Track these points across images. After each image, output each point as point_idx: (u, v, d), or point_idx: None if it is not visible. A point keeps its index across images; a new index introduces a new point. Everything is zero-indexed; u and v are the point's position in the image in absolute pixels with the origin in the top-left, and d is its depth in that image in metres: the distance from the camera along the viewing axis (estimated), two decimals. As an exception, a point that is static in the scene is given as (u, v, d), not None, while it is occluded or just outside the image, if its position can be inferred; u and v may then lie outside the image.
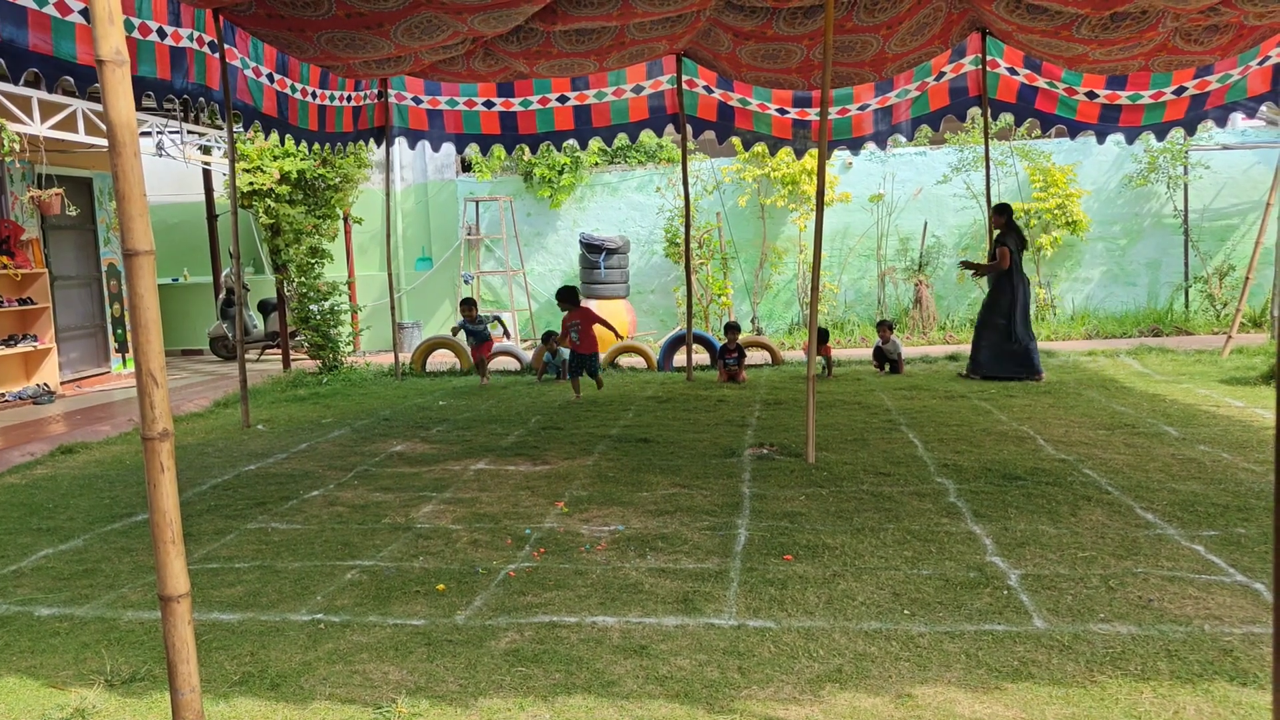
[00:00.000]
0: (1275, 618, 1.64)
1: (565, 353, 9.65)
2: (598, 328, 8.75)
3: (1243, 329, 11.03)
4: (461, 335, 10.55)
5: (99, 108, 8.95)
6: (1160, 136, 9.67)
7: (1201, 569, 3.85)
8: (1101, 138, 9.55)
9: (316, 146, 9.01)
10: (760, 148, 12.95)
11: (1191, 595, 3.58)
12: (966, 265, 9.35)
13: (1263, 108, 9.01)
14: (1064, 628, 3.32)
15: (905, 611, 3.52)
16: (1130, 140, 9.61)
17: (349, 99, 8.97)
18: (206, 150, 11.82)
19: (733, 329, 9.93)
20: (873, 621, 3.44)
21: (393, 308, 10.90)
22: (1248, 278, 10.24)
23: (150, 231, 2.42)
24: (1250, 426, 6.50)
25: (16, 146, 8.26)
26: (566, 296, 8.80)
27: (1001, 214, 8.95)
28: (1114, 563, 3.95)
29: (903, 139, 10.44)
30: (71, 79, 5.48)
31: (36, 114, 8.48)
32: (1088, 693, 2.87)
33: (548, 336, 10.30)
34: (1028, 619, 3.41)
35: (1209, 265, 12.86)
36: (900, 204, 13.62)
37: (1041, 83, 9.20)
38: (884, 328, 9.97)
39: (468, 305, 10.41)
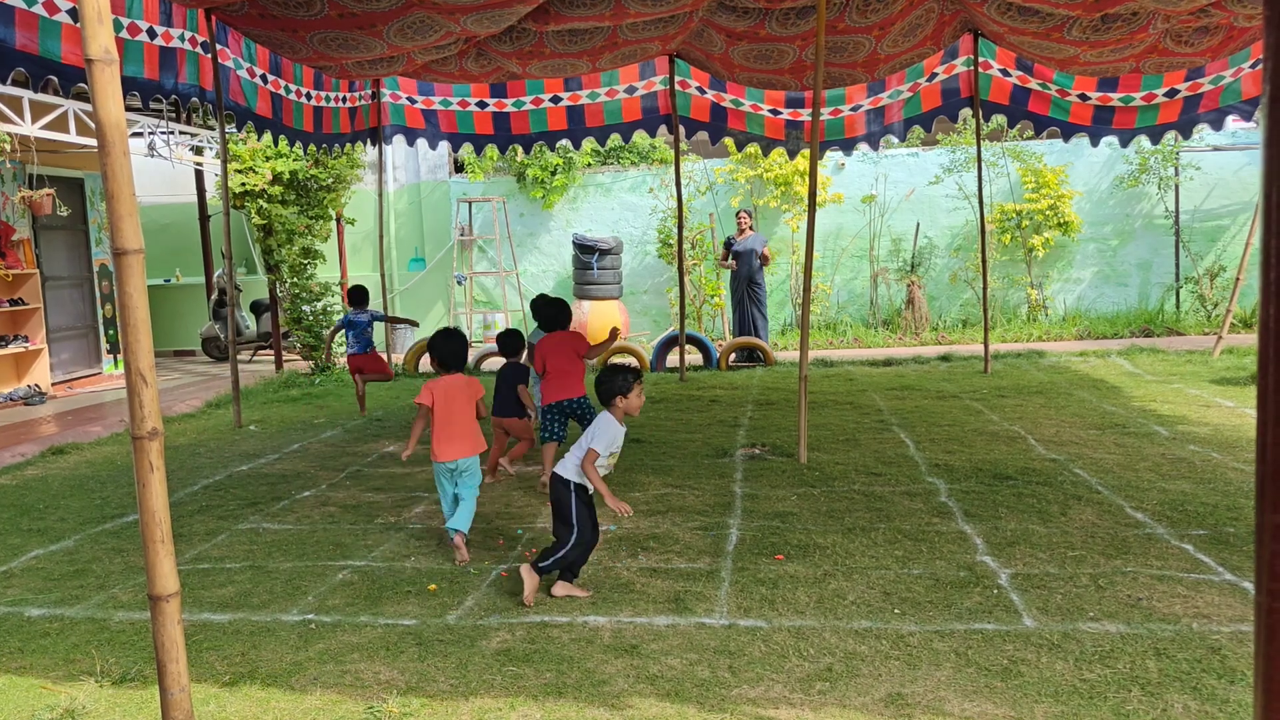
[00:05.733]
0: (1257, 615, 1.65)
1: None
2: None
3: (1233, 329, 11.06)
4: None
5: (90, 108, 8.90)
6: (1155, 139, 9.70)
7: (1190, 568, 3.87)
8: (1095, 140, 9.56)
9: (310, 147, 8.99)
10: (753, 149, 12.95)
11: (1180, 594, 3.59)
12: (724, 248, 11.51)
13: (1258, 110, 9.02)
14: (1053, 627, 3.34)
15: (896, 611, 3.53)
16: (1124, 143, 9.63)
17: (343, 100, 8.96)
18: (198, 151, 11.79)
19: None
20: (863, 621, 3.45)
21: (386, 309, 10.87)
22: (1238, 278, 10.27)
23: (139, 230, 2.42)
24: (1240, 426, 6.52)
25: (8, 147, 8.23)
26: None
27: (749, 215, 11.46)
28: (1104, 562, 3.97)
29: (895, 140, 10.45)
30: (56, 79, 5.46)
31: (27, 114, 8.44)
32: (1077, 691, 2.88)
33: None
34: (1018, 618, 3.42)
35: (1200, 266, 12.90)
36: (893, 205, 13.64)
37: (1034, 84, 9.21)
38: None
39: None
